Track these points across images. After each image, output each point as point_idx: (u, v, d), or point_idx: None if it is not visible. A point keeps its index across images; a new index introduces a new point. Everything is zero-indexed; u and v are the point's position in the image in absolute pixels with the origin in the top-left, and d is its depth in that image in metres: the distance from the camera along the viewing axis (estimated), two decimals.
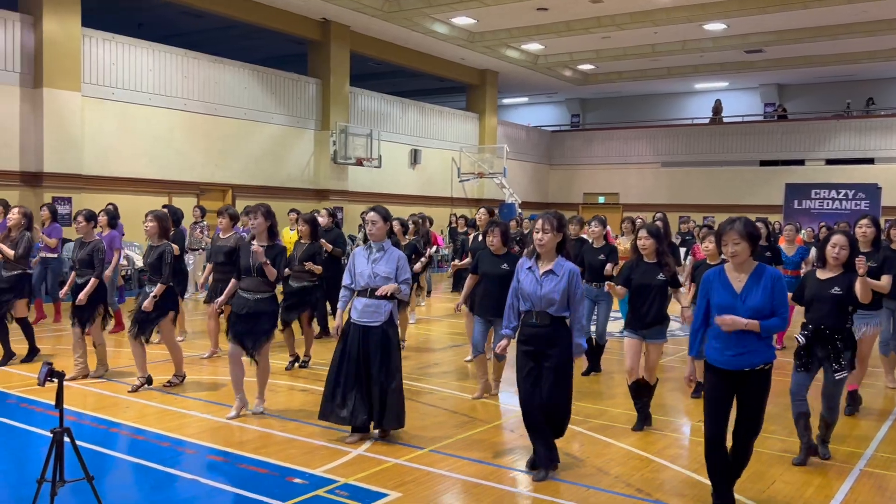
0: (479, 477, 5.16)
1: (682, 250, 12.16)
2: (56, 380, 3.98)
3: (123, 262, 11.41)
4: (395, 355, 5.78)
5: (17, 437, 5.92)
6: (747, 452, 4.52)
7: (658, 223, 10.49)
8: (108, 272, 9.42)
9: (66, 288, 7.80)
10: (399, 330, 6.61)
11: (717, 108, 28.49)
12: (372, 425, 5.83)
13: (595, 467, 5.44)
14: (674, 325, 9.54)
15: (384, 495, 4.79)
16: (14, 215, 8.35)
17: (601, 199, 29.62)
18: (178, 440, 5.82)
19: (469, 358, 9.18)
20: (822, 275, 5.50)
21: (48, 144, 14.62)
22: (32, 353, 8.42)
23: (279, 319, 8.24)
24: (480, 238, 8.76)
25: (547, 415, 5.10)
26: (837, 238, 5.48)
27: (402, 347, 9.29)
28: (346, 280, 5.89)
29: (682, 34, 21.24)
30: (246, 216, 8.32)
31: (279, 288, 6.73)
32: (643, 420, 6.35)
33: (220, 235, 8.59)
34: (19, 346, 8.46)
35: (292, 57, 22.65)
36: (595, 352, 8.37)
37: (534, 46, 23.11)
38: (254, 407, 6.55)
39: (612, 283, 6.47)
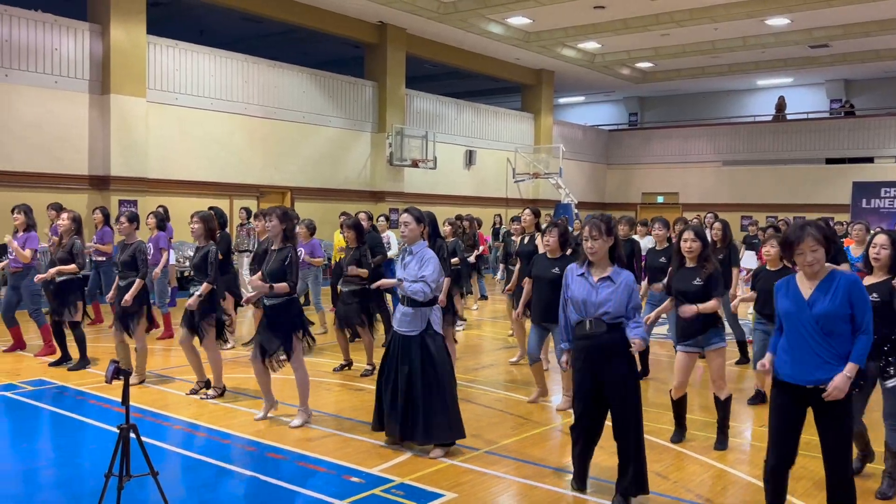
0: (536, 479, 5.13)
1: (750, 254, 11.77)
2: (122, 378, 4.09)
3: (175, 263, 11.39)
4: (437, 368, 5.51)
5: (86, 432, 6.13)
6: (849, 486, 3.88)
7: (710, 221, 10.21)
8: (156, 271, 9.61)
9: (111, 293, 7.81)
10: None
11: (781, 105, 27.74)
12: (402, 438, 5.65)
13: (653, 472, 5.34)
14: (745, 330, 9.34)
15: (440, 495, 4.80)
16: (64, 221, 8.37)
17: (660, 199, 29.13)
18: (238, 437, 5.94)
19: (514, 360, 9.14)
20: (867, 280, 4.97)
21: (115, 149, 15.11)
22: (83, 360, 8.40)
23: (340, 322, 8.36)
24: (527, 241, 8.34)
25: (618, 441, 4.68)
26: (879, 237, 5.00)
27: None
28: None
29: (743, 30, 20.75)
30: (261, 219, 8.13)
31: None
32: (681, 434, 6.09)
33: (260, 238, 8.57)
34: (74, 349, 8.59)
35: (349, 60, 22.93)
36: (641, 353, 8.17)
37: (590, 45, 22.88)
38: (295, 419, 6.31)
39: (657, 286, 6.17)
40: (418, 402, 5.49)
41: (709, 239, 6.92)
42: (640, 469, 4.63)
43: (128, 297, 7.38)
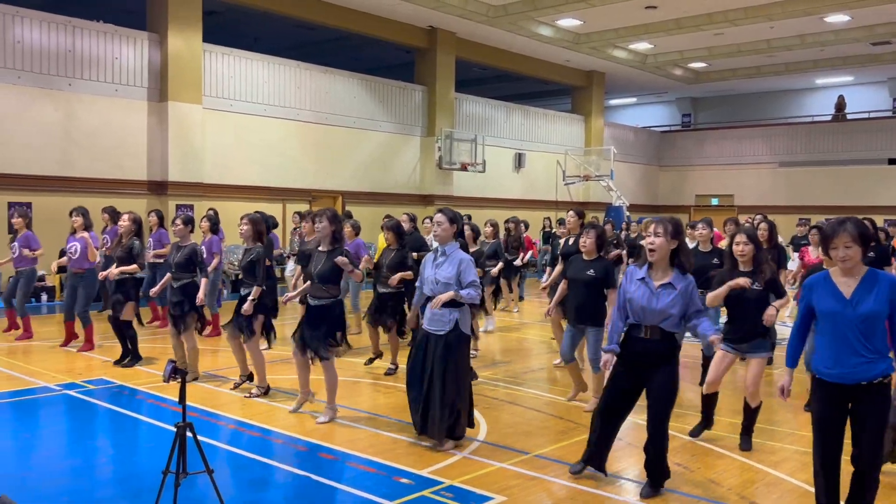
0: (585, 484, 5.09)
1: (795, 254, 11.52)
2: (179, 377, 4.20)
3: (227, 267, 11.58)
4: (457, 367, 5.60)
5: (143, 430, 6.30)
6: (873, 482, 4.00)
7: (757, 221, 9.96)
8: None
9: (158, 287, 8.04)
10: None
11: (840, 104, 26.96)
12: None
13: (706, 478, 5.26)
14: (787, 332, 9.12)
15: (489, 499, 4.80)
16: (125, 222, 8.61)
17: (714, 201, 28.59)
18: (289, 436, 6.03)
19: (557, 362, 9.07)
20: None
21: (172, 155, 15.51)
22: (134, 358, 8.61)
23: (370, 320, 8.45)
24: (571, 242, 8.26)
25: (649, 440, 4.84)
26: None
27: (474, 356, 9.30)
28: (419, 282, 5.90)
29: (800, 28, 20.25)
30: (308, 220, 8.25)
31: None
32: (704, 426, 6.10)
33: (306, 239, 8.68)
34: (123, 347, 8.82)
35: (399, 65, 23.09)
36: (704, 363, 8.03)
37: (642, 45, 22.61)
38: (322, 415, 6.43)
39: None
40: (437, 398, 5.59)
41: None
42: (663, 460, 4.86)
43: (200, 295, 7.59)
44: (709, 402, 6.06)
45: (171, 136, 15.46)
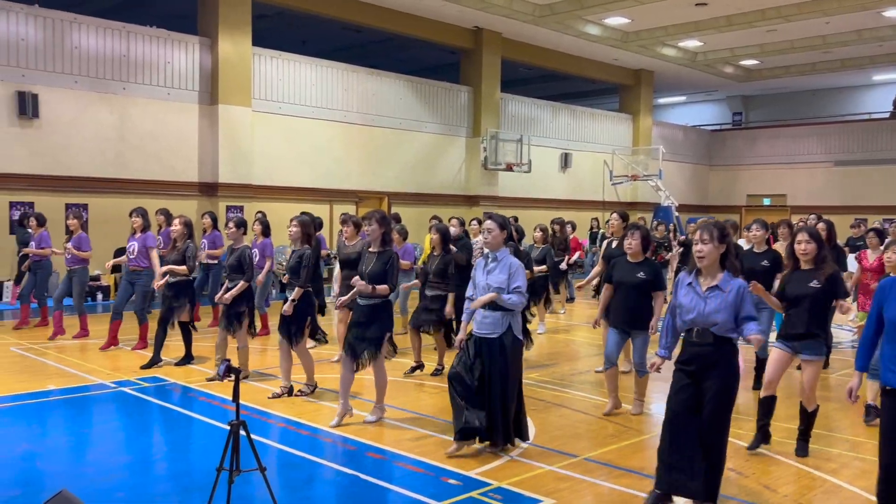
0: (636, 488, 5.01)
1: (851, 256, 11.14)
2: (233, 376, 4.25)
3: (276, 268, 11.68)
4: (511, 370, 5.57)
5: (196, 427, 6.41)
6: None
7: (813, 221, 9.68)
8: (260, 277, 9.95)
9: (221, 293, 8.07)
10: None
11: None
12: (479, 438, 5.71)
13: (761, 484, 5.14)
14: (843, 336, 8.87)
15: (538, 501, 4.76)
16: (176, 226, 8.74)
17: (766, 201, 27.99)
18: (338, 436, 6.07)
19: (599, 369, 8.94)
20: None
21: (223, 157, 15.77)
22: (187, 358, 8.75)
23: (417, 323, 8.43)
24: (615, 244, 8.15)
25: (702, 449, 4.58)
26: None
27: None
28: (469, 291, 5.81)
29: (857, 23, 19.68)
30: (349, 224, 8.29)
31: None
32: (761, 439, 5.81)
33: (346, 243, 8.73)
34: (177, 348, 8.94)
35: (445, 66, 23.14)
36: (756, 367, 7.85)
37: (692, 43, 22.25)
38: (370, 414, 6.49)
39: (767, 294, 5.80)
40: (499, 404, 5.56)
41: None
42: (714, 477, 4.53)
43: (227, 296, 7.72)
44: (766, 408, 5.83)
45: (221, 139, 15.73)
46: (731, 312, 4.54)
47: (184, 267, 8.59)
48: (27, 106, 13.54)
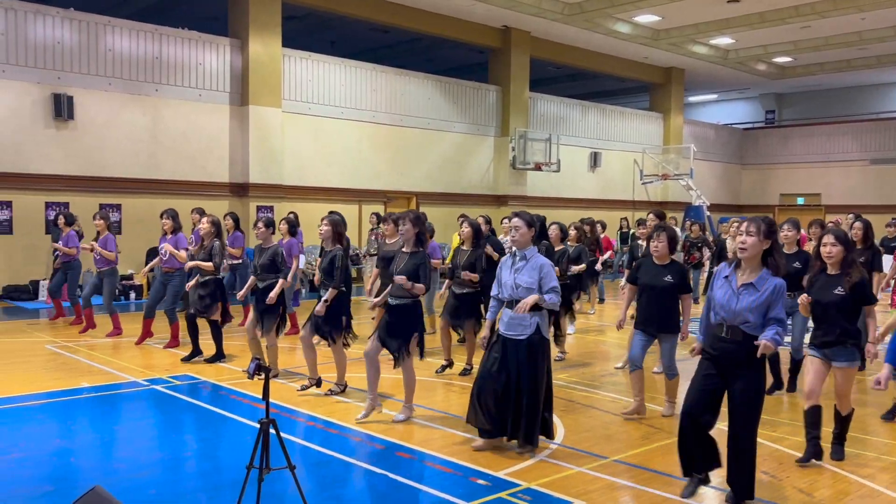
0: (667, 490, 4.94)
1: (887, 258, 10.87)
2: (263, 374, 4.27)
3: (305, 267, 11.70)
4: (539, 371, 5.53)
5: (226, 425, 6.46)
6: None
7: (850, 220, 9.43)
8: (287, 278, 10.00)
9: (244, 290, 8.18)
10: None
11: None
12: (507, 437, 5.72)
13: (796, 488, 5.04)
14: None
15: (567, 503, 4.72)
16: (204, 225, 8.82)
17: (800, 201, 27.54)
18: (367, 435, 6.07)
19: (619, 365, 8.85)
20: None
21: (253, 157, 15.91)
22: (218, 356, 8.85)
23: (449, 323, 8.41)
24: (645, 245, 7.97)
25: (731, 452, 4.59)
26: None
27: (561, 358, 9.14)
28: (494, 290, 5.77)
29: (893, 18, 19.29)
30: (389, 222, 8.30)
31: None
32: (812, 453, 5.53)
33: (387, 241, 8.70)
34: (208, 346, 9.01)
35: (473, 66, 23.11)
36: (791, 369, 7.70)
37: (723, 41, 21.98)
38: (399, 413, 6.51)
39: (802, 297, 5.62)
40: (525, 404, 5.53)
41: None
42: (748, 477, 4.55)
43: (272, 295, 7.73)
44: (812, 420, 5.55)
45: (251, 139, 15.86)
46: (762, 311, 4.45)
47: (209, 263, 8.66)
48: (62, 108, 13.78)
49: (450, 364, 8.51)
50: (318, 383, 7.48)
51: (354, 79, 17.97)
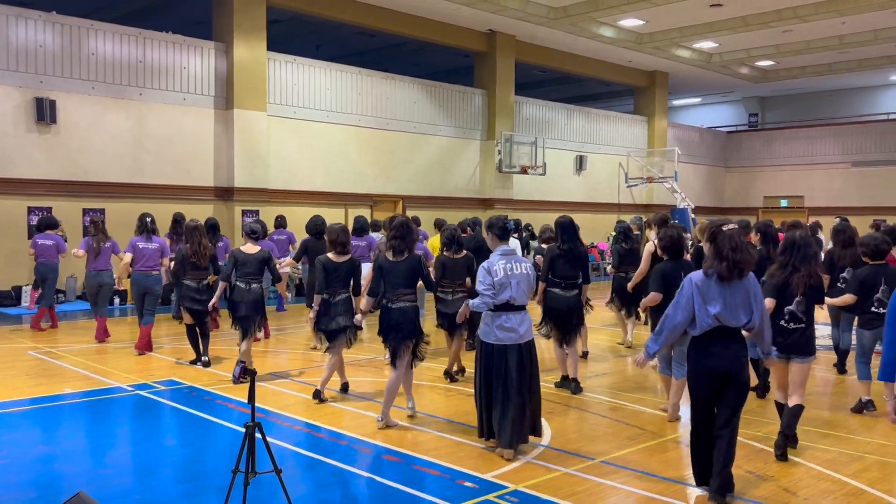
0: (653, 491, 4.97)
1: None
2: (248, 378, 4.26)
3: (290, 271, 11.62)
4: (533, 371, 5.70)
5: (212, 430, 6.42)
6: None
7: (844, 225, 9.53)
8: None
9: (215, 298, 8.25)
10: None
11: None
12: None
13: (781, 487, 5.08)
14: (821, 330, 8.82)
15: None
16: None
17: (784, 203, 27.77)
18: (355, 439, 6.06)
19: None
20: None
21: (238, 161, 15.84)
22: (199, 359, 8.89)
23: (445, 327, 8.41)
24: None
25: (718, 440, 4.75)
26: None
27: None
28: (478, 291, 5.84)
29: (874, 23, 19.50)
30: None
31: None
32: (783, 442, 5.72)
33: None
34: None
35: (459, 70, 23.14)
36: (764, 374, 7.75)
37: (707, 44, 22.13)
38: (408, 402, 6.73)
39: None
40: (531, 405, 5.67)
41: (821, 240, 6.56)
42: (729, 470, 4.74)
43: (212, 301, 8.01)
44: (786, 412, 5.70)
45: (236, 143, 15.80)
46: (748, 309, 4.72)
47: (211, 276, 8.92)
48: (45, 112, 13.67)
49: (461, 371, 8.42)
50: (346, 388, 7.56)
51: (340, 82, 17.94)
